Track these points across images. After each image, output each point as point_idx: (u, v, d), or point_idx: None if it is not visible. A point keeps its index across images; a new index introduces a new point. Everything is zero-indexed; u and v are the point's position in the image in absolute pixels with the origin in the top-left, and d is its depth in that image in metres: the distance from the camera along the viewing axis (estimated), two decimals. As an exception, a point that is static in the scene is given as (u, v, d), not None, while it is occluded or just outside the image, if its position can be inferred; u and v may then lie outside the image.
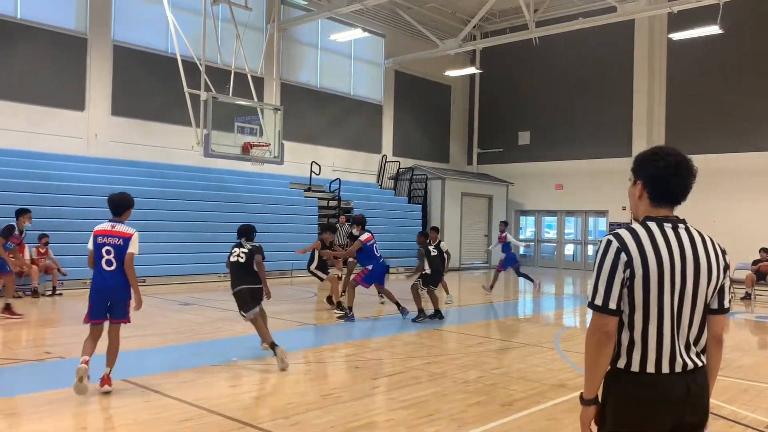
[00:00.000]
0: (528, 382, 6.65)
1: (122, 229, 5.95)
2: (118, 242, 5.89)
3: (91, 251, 5.96)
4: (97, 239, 5.94)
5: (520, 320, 12.19)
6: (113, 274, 5.89)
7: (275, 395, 6.00)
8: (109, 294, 5.94)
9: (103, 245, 5.91)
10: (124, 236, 5.91)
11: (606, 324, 2.33)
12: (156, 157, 17.20)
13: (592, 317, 2.37)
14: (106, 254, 5.89)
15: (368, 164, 23.39)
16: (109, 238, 5.91)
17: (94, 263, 5.94)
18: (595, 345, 2.34)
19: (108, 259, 5.88)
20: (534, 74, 24.82)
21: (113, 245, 5.89)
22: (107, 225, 6.01)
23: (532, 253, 25.84)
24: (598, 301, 2.33)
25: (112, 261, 5.88)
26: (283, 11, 20.31)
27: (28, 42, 15.25)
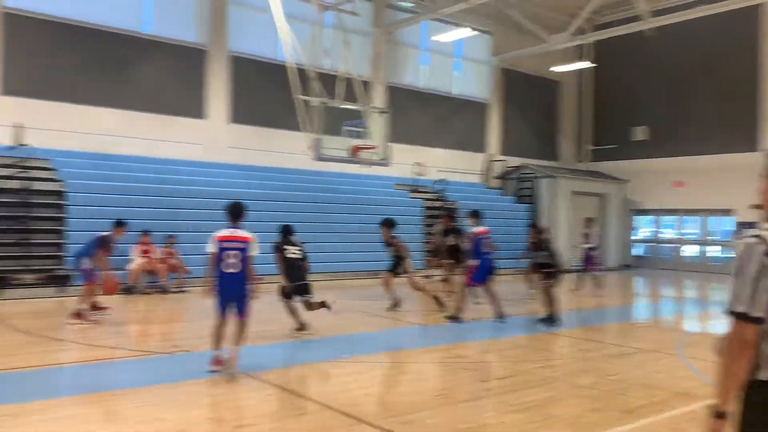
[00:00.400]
0: (649, 389, 6.34)
1: (242, 234, 6.50)
2: (241, 246, 6.42)
3: (214, 254, 6.46)
4: (221, 244, 6.44)
5: (636, 325, 11.65)
6: (236, 275, 6.38)
7: (387, 393, 6.09)
8: (233, 292, 6.42)
9: (227, 249, 6.41)
10: (245, 240, 6.46)
11: (747, 333, 2.18)
12: (270, 161, 17.94)
13: (731, 325, 2.22)
14: (227, 258, 6.39)
15: (474, 164, 23.19)
16: (232, 242, 6.43)
17: (217, 265, 6.37)
18: (733, 354, 2.20)
19: (231, 262, 6.37)
20: (649, 66, 23.61)
21: (236, 249, 6.40)
22: (227, 231, 6.56)
23: (649, 254, 24.60)
24: (741, 309, 2.18)
25: (235, 263, 6.37)
26: (389, 15, 20.56)
27: (153, 55, 16.38)
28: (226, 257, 6.38)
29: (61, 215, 13.55)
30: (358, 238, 17.35)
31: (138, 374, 6.76)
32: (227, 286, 6.41)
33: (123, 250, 13.27)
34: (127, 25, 15.93)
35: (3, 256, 12.56)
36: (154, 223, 14.00)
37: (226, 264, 6.38)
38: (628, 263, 24.45)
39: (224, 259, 6.38)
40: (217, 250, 6.44)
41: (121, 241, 12.90)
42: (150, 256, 13.19)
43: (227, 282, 6.40)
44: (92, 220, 13.57)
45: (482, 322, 10.70)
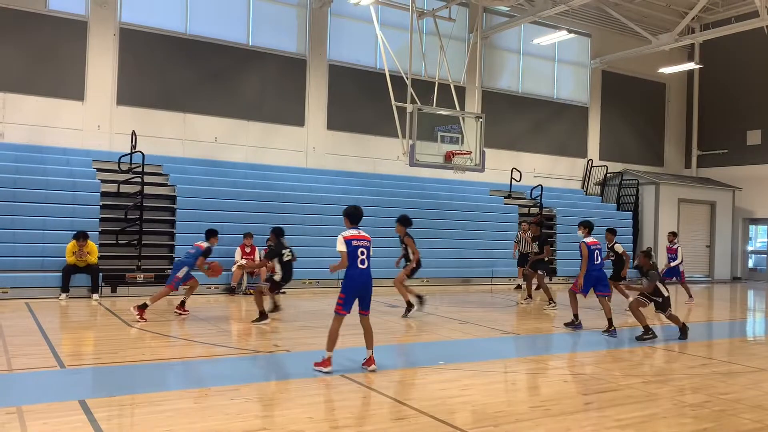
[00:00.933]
0: (764, 411, 5.92)
1: (366, 234, 7.04)
2: (368, 244, 6.98)
3: (345, 253, 6.85)
4: (351, 243, 6.87)
5: (749, 341, 10.91)
6: (367, 270, 6.92)
7: (483, 402, 6.02)
8: (364, 288, 6.93)
9: (358, 247, 6.88)
10: (369, 240, 7.03)
11: None
12: (366, 167, 18.25)
13: None
14: (360, 254, 6.87)
15: (572, 169, 22.55)
16: (362, 241, 6.94)
17: (350, 262, 6.84)
18: None
19: (362, 258, 6.88)
20: (764, 66, 22.12)
21: (365, 247, 6.93)
22: (355, 231, 7.01)
23: (764, 266, 22.99)
24: None
25: (365, 260, 6.90)
26: (486, 19, 20.40)
27: (258, 66, 17.09)
28: (358, 254, 6.84)
29: (171, 218, 14.38)
30: (452, 244, 17.32)
31: (240, 371, 7.05)
32: (359, 281, 6.85)
33: (227, 252, 13.91)
34: (233, 38, 16.72)
35: (118, 256, 13.47)
36: (256, 227, 14.56)
37: (359, 261, 6.84)
38: (740, 276, 22.96)
39: (358, 256, 6.84)
40: (347, 248, 6.82)
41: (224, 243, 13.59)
42: (252, 258, 13.72)
43: (360, 277, 6.85)
44: (200, 223, 14.30)
45: (581, 334, 10.38)
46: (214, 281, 13.49)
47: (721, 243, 22.37)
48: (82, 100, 15.12)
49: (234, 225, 14.44)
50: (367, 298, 7.00)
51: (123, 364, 7.13)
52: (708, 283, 21.64)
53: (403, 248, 11.43)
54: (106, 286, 12.73)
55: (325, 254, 15.18)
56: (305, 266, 14.82)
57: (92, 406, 5.32)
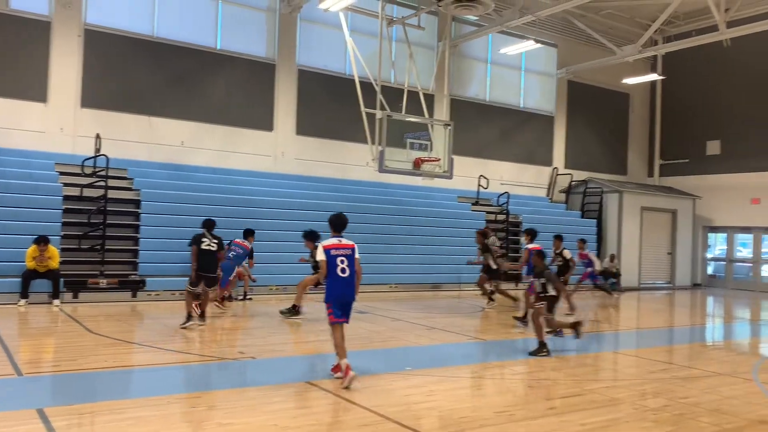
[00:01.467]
0: (722, 415, 6.07)
1: (347, 242, 7.02)
2: (349, 252, 6.94)
3: (324, 262, 6.87)
4: (330, 252, 6.88)
5: (709, 347, 11.18)
6: (349, 279, 6.89)
7: (449, 407, 6.05)
8: (347, 296, 6.93)
9: (337, 256, 6.88)
10: (351, 247, 7.00)
11: None
12: (335, 173, 18.22)
13: None
14: (340, 263, 6.85)
15: (538, 177, 22.86)
16: (341, 250, 6.93)
17: (330, 271, 6.85)
18: None
19: (343, 267, 6.86)
20: (724, 78, 22.76)
21: (346, 255, 6.91)
22: (335, 240, 7.01)
23: (722, 273, 23.58)
24: None
25: (346, 269, 6.87)
26: (455, 28, 20.59)
27: (226, 69, 16.95)
28: (337, 263, 6.84)
29: (135, 223, 14.15)
30: (420, 250, 17.39)
31: (203, 378, 6.97)
32: (340, 290, 6.87)
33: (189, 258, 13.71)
34: (201, 41, 16.57)
35: (81, 261, 13.20)
36: (222, 232, 14.37)
37: (338, 270, 6.84)
38: (700, 282, 23.52)
39: (338, 264, 6.84)
40: (327, 257, 6.85)
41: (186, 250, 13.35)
42: (217, 264, 13.55)
43: (341, 286, 6.86)
44: (164, 228, 14.14)
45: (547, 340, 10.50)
46: (180, 287, 13.32)
47: (682, 250, 22.89)
48: (45, 101, 14.80)
49: (200, 230, 14.25)
50: (348, 307, 7.00)
51: (83, 371, 6.99)
52: (669, 289, 22.11)
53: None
54: (67, 291, 12.46)
55: (293, 260, 15.13)
56: (272, 272, 14.74)
57: (50, 415, 5.20)
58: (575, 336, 9.07)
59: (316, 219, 16.10)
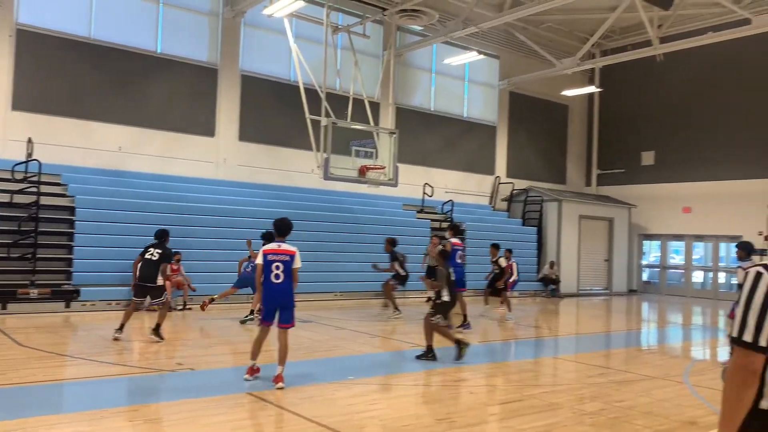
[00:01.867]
0: (654, 417, 6.28)
1: (287, 248, 7.06)
2: (286, 258, 6.99)
3: (261, 266, 7.04)
4: (267, 257, 7.01)
5: (644, 351, 11.55)
6: (281, 285, 6.96)
7: (391, 416, 6.04)
8: (279, 301, 7.03)
9: (273, 262, 6.97)
10: (290, 253, 7.04)
11: (754, 362, 2.17)
12: (279, 180, 18.03)
13: (736, 354, 2.22)
14: (275, 269, 6.95)
15: (481, 186, 23.22)
16: (279, 255, 7.00)
17: (265, 276, 6.99)
18: (738, 384, 2.19)
19: (277, 273, 6.96)
20: (658, 92, 23.70)
21: (282, 261, 6.98)
22: (274, 245, 7.10)
23: (656, 279, 24.46)
24: (747, 338, 2.18)
25: (280, 275, 6.95)
26: (400, 37, 20.75)
27: (166, 74, 16.57)
28: (272, 269, 6.95)
29: (70, 231, 13.64)
30: (366, 257, 17.34)
31: (140, 391, 6.75)
32: (272, 295, 7.00)
33: (128, 266, 13.33)
34: (141, 44, 16.14)
35: (10, 270, 12.62)
36: (161, 240, 14.04)
37: (272, 275, 6.95)
38: (636, 288, 24.32)
39: (272, 270, 6.94)
40: (263, 262, 6.99)
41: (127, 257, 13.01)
42: (156, 273, 13.20)
43: (273, 292, 6.98)
44: (101, 236, 13.69)
45: (490, 345, 10.64)
46: (116, 297, 12.93)
47: (619, 257, 23.63)
48: (-28, 103, 14.13)
49: (138, 238, 13.87)
50: (286, 312, 7.05)
51: (12, 385, 6.66)
52: (607, 295, 22.78)
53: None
54: (-5, 302, 11.89)
55: (235, 268, 14.87)
56: (214, 281, 14.45)
57: (-27, 433, 4.94)
58: (457, 355, 8.57)
59: (260, 227, 15.92)
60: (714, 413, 6.50)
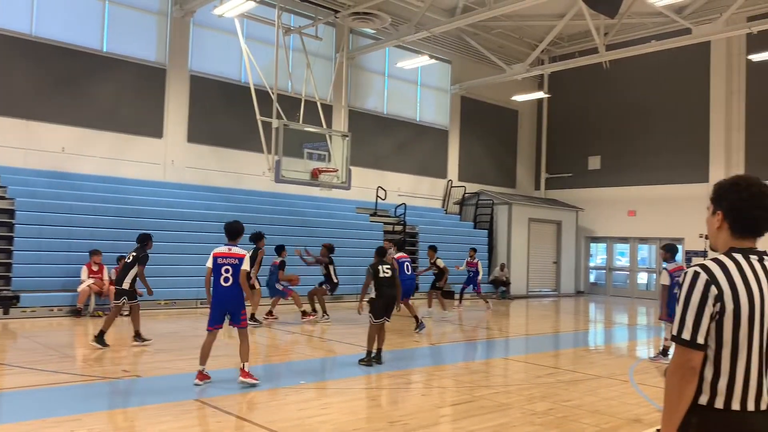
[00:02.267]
0: (601, 415, 6.42)
1: (237, 251, 7.06)
2: (235, 262, 6.98)
3: (210, 269, 7.07)
4: (216, 260, 7.03)
5: (591, 351, 11.82)
6: (230, 288, 6.96)
7: (343, 420, 6.01)
8: (227, 305, 7.04)
9: (222, 265, 6.99)
10: (239, 257, 7.01)
11: (692, 359, 2.24)
12: (229, 182, 17.76)
13: (676, 352, 2.28)
14: (224, 272, 6.96)
15: (434, 189, 23.40)
16: (227, 258, 7.01)
17: (214, 278, 7.02)
18: (678, 381, 2.25)
19: (226, 276, 6.96)
20: (605, 98, 24.36)
21: (231, 265, 6.97)
22: (225, 248, 7.11)
23: (603, 281, 25.09)
24: (686, 336, 2.24)
25: (229, 278, 6.95)
26: (352, 40, 20.75)
27: (112, 74, 16.13)
28: (221, 272, 6.96)
29: (9, 234, 13.12)
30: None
31: (83, 400, 6.53)
32: (220, 298, 7.01)
33: (71, 271, 12.92)
34: (85, 42, 15.67)
35: (-55, 276, 12.07)
36: (109, 244, 13.68)
37: (221, 279, 6.95)
38: (583, 290, 24.89)
39: (221, 273, 6.95)
40: (212, 265, 7.02)
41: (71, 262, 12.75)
42: (100, 277, 12.84)
43: (220, 295, 6.99)
44: (43, 240, 13.22)
45: (442, 347, 10.71)
46: (58, 303, 12.51)
47: (566, 259, 24.15)
48: None
49: (83, 242, 13.48)
50: (236, 314, 7.06)
51: (-57, 397, 6.36)
52: (555, 296, 23.24)
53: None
54: (-73, 309, 11.34)
55: (184, 273, 14.59)
56: (162, 286, 14.12)
57: None
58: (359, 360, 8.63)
59: (210, 230, 15.68)
60: (657, 410, 6.70)
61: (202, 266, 15.20)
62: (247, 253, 7.12)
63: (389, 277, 8.84)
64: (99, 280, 12.76)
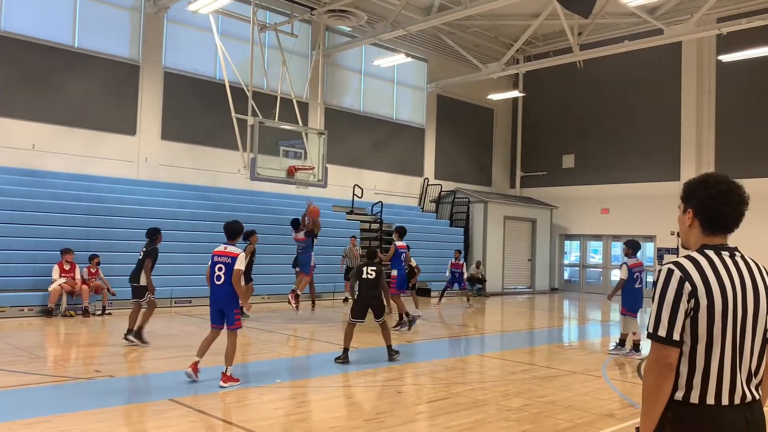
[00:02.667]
0: (575, 411, 6.49)
1: (232, 250, 7.13)
2: (228, 261, 7.07)
3: (208, 267, 7.23)
4: (213, 258, 7.18)
5: (565, 347, 11.95)
6: (221, 287, 7.08)
7: (319, 418, 5.99)
8: (219, 303, 7.15)
9: (217, 263, 7.13)
10: (232, 256, 7.08)
11: (668, 356, 2.27)
12: (203, 180, 17.59)
13: (652, 349, 2.31)
14: (218, 270, 7.09)
15: (410, 187, 23.44)
16: (221, 257, 7.13)
17: (211, 277, 7.16)
18: (655, 378, 2.28)
19: (219, 275, 7.09)
20: (578, 97, 24.62)
21: (224, 263, 7.08)
22: (222, 247, 7.22)
23: (577, 278, 25.38)
24: (662, 333, 2.27)
25: (221, 276, 7.07)
26: (328, 38, 20.68)
27: (84, 70, 15.86)
28: (215, 270, 7.11)
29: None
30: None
31: (55, 401, 6.42)
32: (213, 296, 7.18)
33: (43, 270, 12.70)
34: (56, 38, 15.39)
35: None
36: (81, 243, 13.49)
37: (215, 277, 7.10)
38: (557, 287, 25.15)
39: (215, 272, 7.10)
40: (211, 264, 7.17)
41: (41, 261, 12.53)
42: (72, 276, 12.63)
43: (213, 293, 7.17)
44: (11, 239, 12.97)
45: (418, 345, 10.74)
46: (29, 302, 12.28)
47: (541, 257, 24.38)
48: None
49: (54, 241, 13.25)
50: (228, 313, 7.13)
51: None
52: (530, 293, 23.45)
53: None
54: None
55: (158, 272, 14.39)
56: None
57: None
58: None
59: (184, 228, 15.52)
60: (630, 405, 6.80)
61: (176, 265, 15.17)
62: (242, 252, 7.16)
63: (372, 279, 8.88)
64: (71, 279, 12.55)
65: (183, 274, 14.77)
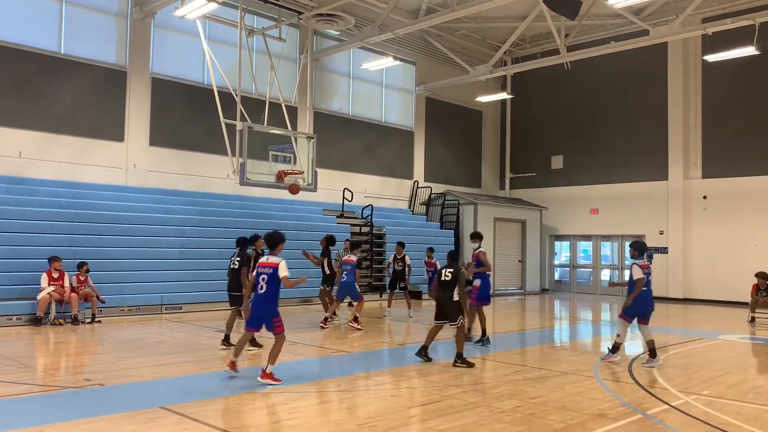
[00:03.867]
0: (567, 411, 6.50)
1: (273, 260, 7.58)
2: (270, 271, 7.51)
3: (253, 276, 7.76)
4: (258, 269, 7.63)
5: (557, 348, 11.98)
6: (262, 295, 7.53)
7: (312, 423, 5.97)
8: (260, 311, 7.59)
9: (261, 273, 7.56)
10: (273, 266, 7.52)
11: None
12: (193, 185, 17.53)
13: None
14: (261, 281, 7.50)
15: (400, 190, 23.46)
16: (265, 268, 7.56)
17: (254, 287, 7.67)
18: None
19: (261, 284, 7.51)
20: (566, 98, 24.74)
21: (267, 273, 7.51)
22: (264, 258, 7.70)
23: (567, 278, 25.46)
24: None
25: (263, 286, 7.50)
26: (316, 42, 20.67)
27: (71, 76, 15.77)
28: (258, 280, 7.54)
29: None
30: (288, 263, 17.09)
31: (44, 410, 6.36)
32: (255, 304, 7.64)
33: (31, 278, 12.59)
34: (42, 44, 15.30)
35: None
36: (69, 250, 13.40)
37: (258, 287, 7.53)
38: (548, 287, 25.22)
39: (258, 282, 7.54)
40: (255, 273, 7.64)
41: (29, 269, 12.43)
42: (61, 284, 12.53)
43: (255, 301, 7.63)
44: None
45: (408, 348, 10.72)
46: (16, 311, 12.17)
47: (532, 258, 24.46)
48: None
49: (41, 249, 13.15)
50: (268, 322, 7.59)
51: None
52: (521, 294, 23.51)
53: None
54: None
55: (148, 278, 14.36)
56: (124, 292, 13.90)
57: None
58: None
59: (174, 234, 15.46)
60: (622, 405, 6.82)
61: (166, 272, 15.08)
62: (283, 260, 7.52)
63: (448, 281, 9.10)
64: (60, 287, 12.45)
65: (173, 280, 14.70)
